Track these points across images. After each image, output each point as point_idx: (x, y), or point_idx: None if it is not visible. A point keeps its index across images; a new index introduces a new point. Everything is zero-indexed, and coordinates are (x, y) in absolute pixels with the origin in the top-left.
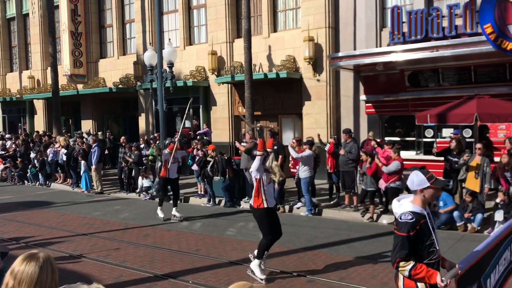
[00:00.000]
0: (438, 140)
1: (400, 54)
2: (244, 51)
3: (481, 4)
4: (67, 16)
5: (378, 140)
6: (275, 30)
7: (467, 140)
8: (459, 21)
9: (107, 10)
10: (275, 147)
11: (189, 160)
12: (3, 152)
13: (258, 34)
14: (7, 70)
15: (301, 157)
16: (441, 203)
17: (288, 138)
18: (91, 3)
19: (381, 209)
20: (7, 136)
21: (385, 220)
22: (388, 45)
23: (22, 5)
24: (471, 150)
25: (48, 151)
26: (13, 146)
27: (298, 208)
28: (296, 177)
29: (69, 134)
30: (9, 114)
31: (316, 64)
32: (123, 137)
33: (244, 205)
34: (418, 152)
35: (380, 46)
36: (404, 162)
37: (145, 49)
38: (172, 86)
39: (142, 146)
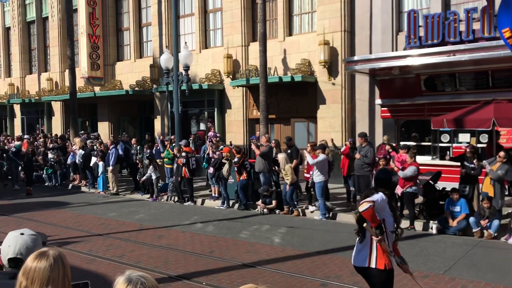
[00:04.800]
0: (454, 145)
1: (416, 58)
2: (259, 54)
3: (499, 8)
4: (85, 19)
5: (394, 145)
6: (290, 34)
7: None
8: (476, 25)
9: (124, 14)
10: (289, 151)
11: (204, 163)
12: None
13: (274, 38)
14: (27, 72)
15: (316, 163)
16: (457, 208)
17: (302, 141)
18: (109, 7)
19: None
20: (26, 136)
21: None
22: (404, 49)
23: (42, 8)
24: (485, 156)
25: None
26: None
27: (312, 212)
28: (310, 182)
29: (85, 134)
30: (28, 116)
31: (331, 67)
32: (134, 139)
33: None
34: (434, 157)
35: (396, 50)
36: (420, 167)
37: (161, 52)
38: (187, 89)
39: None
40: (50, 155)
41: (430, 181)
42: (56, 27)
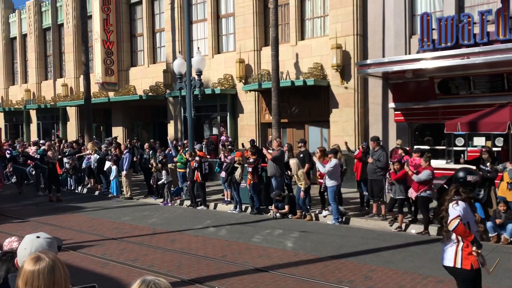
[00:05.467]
0: (469, 149)
1: (430, 61)
2: (272, 59)
3: None
4: (99, 25)
5: (407, 148)
6: (302, 38)
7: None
8: (491, 28)
9: (138, 20)
10: (301, 155)
11: (217, 167)
12: (37, 157)
13: (286, 42)
14: (42, 78)
15: (328, 171)
16: None
17: (315, 145)
18: (123, 13)
19: (410, 219)
20: (41, 142)
21: (414, 229)
22: (418, 52)
23: (57, 15)
24: (501, 159)
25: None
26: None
27: (324, 216)
28: (323, 186)
29: (97, 140)
30: (44, 121)
31: (343, 71)
32: (146, 144)
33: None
34: (449, 161)
35: (409, 54)
36: (434, 171)
37: (174, 58)
38: (200, 93)
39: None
40: (65, 160)
41: (445, 185)
42: (71, 33)
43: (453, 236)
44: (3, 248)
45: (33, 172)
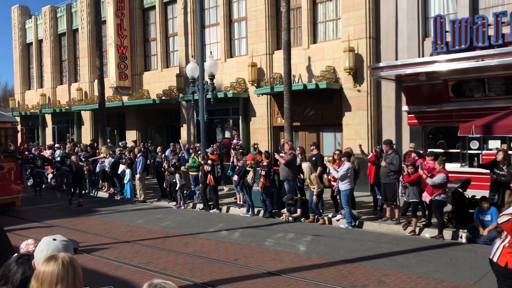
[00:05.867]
0: (484, 152)
1: (443, 64)
2: (284, 62)
3: None
4: (113, 30)
5: (421, 152)
6: (314, 41)
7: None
8: (506, 29)
9: (151, 25)
10: (314, 158)
11: (229, 171)
12: (57, 160)
13: (298, 46)
14: (58, 83)
15: (341, 175)
16: (488, 217)
17: (328, 149)
18: (136, 18)
19: (424, 223)
20: (56, 145)
21: (428, 233)
22: (431, 55)
23: (72, 21)
24: None
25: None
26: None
27: (337, 220)
28: (336, 190)
29: (110, 144)
30: (59, 125)
31: (356, 74)
32: (159, 147)
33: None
34: (463, 164)
35: (423, 56)
36: (448, 175)
37: (187, 62)
38: (213, 97)
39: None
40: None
41: (459, 189)
42: (86, 38)
43: (504, 232)
44: (20, 250)
45: (49, 175)
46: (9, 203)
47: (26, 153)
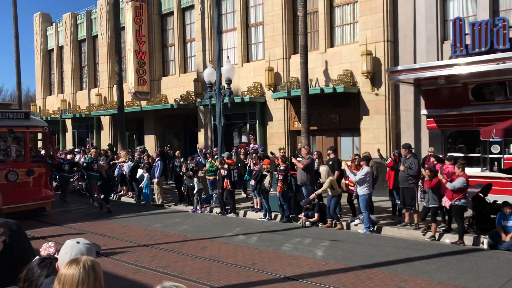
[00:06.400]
0: (506, 156)
1: (463, 67)
2: (301, 66)
3: None
4: (132, 36)
5: (440, 156)
6: (332, 45)
7: None
8: None
9: (169, 30)
10: (330, 162)
11: (246, 175)
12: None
13: (315, 50)
14: (78, 88)
15: (359, 179)
16: (510, 222)
17: (346, 153)
18: (155, 24)
19: (444, 228)
20: (76, 150)
21: (448, 239)
22: (450, 57)
23: (92, 27)
24: None
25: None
26: (82, 159)
27: (355, 225)
28: (354, 195)
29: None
30: (79, 130)
31: (374, 78)
32: (178, 151)
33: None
34: (484, 168)
35: (442, 59)
36: (469, 179)
37: (204, 67)
38: (230, 102)
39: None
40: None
41: (480, 194)
42: (105, 44)
43: None
44: (40, 253)
45: (75, 177)
46: (39, 209)
47: (56, 157)
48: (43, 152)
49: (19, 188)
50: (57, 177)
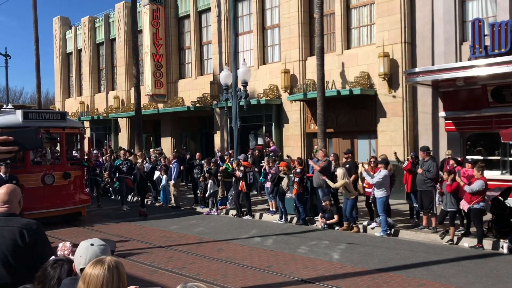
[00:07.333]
0: None
1: (482, 68)
2: (317, 68)
3: None
4: (149, 39)
5: (459, 159)
6: (348, 47)
7: None
8: None
9: (186, 33)
10: (347, 166)
11: (261, 177)
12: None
13: (331, 52)
14: (96, 91)
15: (376, 182)
16: None
17: (363, 155)
18: (171, 27)
19: (462, 231)
20: (94, 152)
21: (466, 243)
22: (469, 59)
23: (109, 31)
24: None
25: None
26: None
27: (372, 228)
28: (371, 197)
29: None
30: (96, 132)
31: (391, 80)
32: (198, 153)
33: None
34: (504, 171)
35: (460, 61)
36: (488, 183)
37: (221, 69)
38: (246, 104)
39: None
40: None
41: (500, 197)
42: (123, 47)
43: None
44: (57, 251)
45: (107, 180)
46: (75, 213)
47: (92, 160)
48: (75, 153)
49: (55, 191)
50: (88, 181)
